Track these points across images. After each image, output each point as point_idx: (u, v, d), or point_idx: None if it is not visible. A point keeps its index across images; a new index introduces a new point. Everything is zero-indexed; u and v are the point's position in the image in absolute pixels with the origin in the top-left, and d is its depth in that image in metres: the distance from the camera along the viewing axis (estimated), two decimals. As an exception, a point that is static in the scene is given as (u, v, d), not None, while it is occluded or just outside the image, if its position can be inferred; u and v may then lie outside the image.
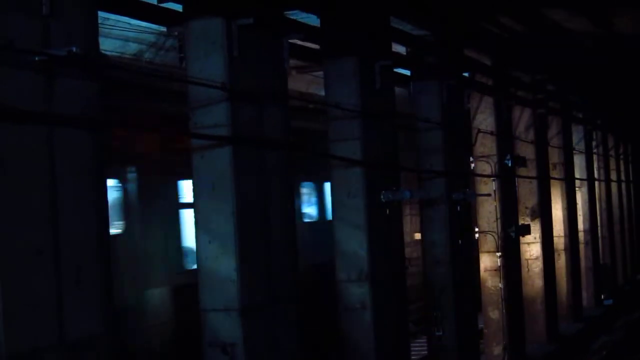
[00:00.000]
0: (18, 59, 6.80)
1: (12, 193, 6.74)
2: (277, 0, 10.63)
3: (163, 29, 11.20)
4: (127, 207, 12.53)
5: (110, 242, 7.83)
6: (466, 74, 17.29)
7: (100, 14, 8.59)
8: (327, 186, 15.83)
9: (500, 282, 17.98)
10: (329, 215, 15.43)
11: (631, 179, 37.51)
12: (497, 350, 18.13)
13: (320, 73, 13.49)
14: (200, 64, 9.61)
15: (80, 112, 7.39)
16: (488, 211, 18.19)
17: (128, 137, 12.26)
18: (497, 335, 18.15)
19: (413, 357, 15.81)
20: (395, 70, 14.44)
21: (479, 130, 18.03)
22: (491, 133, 18.18)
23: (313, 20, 12.64)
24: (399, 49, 15.18)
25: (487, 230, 18.09)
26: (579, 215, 25.94)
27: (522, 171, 20.07)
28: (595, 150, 29.07)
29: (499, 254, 17.95)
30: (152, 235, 12.95)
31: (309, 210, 18.72)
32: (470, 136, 17.81)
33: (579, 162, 26.45)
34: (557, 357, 20.45)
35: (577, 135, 26.41)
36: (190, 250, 12.21)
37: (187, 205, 13.06)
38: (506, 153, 18.63)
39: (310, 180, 18.25)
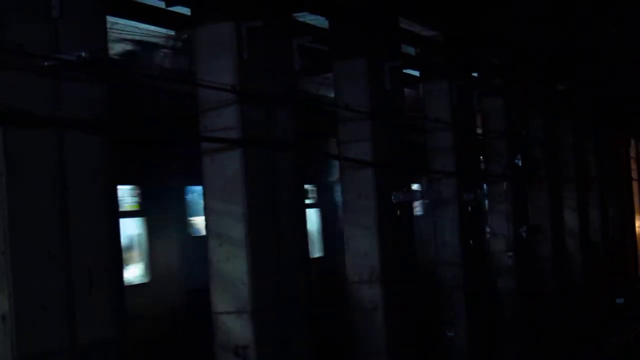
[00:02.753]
0: (28, 63, 6.82)
1: (23, 196, 6.76)
2: (285, 2, 10.63)
3: (172, 32, 11.21)
4: None
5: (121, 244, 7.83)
6: (475, 74, 17.26)
7: (109, 18, 8.62)
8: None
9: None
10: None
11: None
12: None
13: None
14: (209, 67, 9.62)
15: (90, 115, 7.40)
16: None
17: None
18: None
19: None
20: (405, 71, 14.42)
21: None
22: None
23: (322, 22, 12.63)
24: (407, 49, 15.15)
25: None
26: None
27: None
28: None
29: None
30: None
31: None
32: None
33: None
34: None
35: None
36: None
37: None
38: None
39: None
